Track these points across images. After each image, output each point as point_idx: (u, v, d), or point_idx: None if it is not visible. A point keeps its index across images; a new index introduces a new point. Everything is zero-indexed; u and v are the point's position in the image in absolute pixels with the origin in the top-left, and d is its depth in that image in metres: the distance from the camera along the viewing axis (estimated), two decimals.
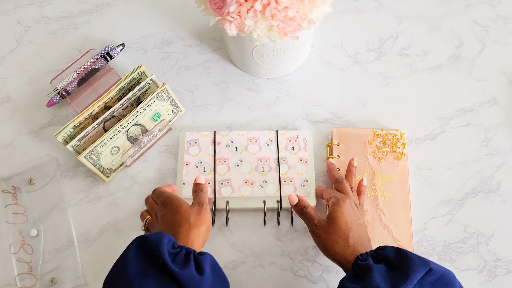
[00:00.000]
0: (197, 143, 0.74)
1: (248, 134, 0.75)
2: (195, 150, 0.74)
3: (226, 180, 0.72)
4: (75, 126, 0.72)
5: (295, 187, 0.71)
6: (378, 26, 0.85)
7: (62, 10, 0.87)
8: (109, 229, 0.72)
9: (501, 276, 0.69)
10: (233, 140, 0.74)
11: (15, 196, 0.73)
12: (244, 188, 0.71)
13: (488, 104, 0.80)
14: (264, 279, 0.69)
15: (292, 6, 0.60)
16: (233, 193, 0.71)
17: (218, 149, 0.74)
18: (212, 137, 0.75)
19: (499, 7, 0.86)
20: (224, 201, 0.71)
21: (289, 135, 0.75)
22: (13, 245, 0.71)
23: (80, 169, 0.76)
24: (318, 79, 0.82)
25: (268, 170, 0.73)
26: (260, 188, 0.71)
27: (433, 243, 0.71)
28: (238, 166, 0.73)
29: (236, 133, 0.75)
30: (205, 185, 0.66)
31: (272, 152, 0.74)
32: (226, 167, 0.73)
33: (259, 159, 0.73)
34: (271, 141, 0.74)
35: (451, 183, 0.75)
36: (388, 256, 0.56)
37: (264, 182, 0.72)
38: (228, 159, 0.73)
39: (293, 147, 0.74)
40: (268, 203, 0.71)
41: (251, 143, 0.74)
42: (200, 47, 0.84)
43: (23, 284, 0.69)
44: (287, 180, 0.72)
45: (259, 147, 0.74)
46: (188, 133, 0.75)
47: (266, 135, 0.75)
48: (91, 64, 0.79)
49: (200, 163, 0.73)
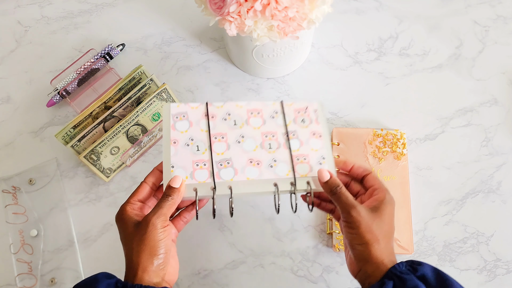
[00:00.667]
0: (185, 117, 0.60)
1: (248, 106, 0.62)
2: (184, 125, 0.60)
3: (226, 160, 0.58)
4: (75, 126, 0.72)
5: (311, 166, 0.59)
6: (378, 26, 0.85)
7: (62, 10, 0.87)
8: (109, 229, 0.72)
9: (501, 276, 0.69)
10: (230, 113, 0.61)
11: (15, 196, 0.73)
12: (250, 169, 0.58)
13: (488, 104, 0.80)
14: (264, 279, 0.69)
15: (292, 6, 0.60)
16: (236, 175, 0.57)
17: (212, 123, 0.61)
18: (203, 109, 0.61)
19: (499, 7, 0.86)
20: (226, 186, 0.57)
21: (296, 106, 0.63)
22: (13, 245, 0.71)
23: (80, 169, 0.76)
24: (318, 79, 0.82)
25: (277, 146, 0.60)
26: (269, 169, 0.58)
27: (433, 243, 0.71)
28: (239, 142, 0.60)
29: (233, 104, 0.62)
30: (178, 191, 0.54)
31: (278, 125, 0.61)
32: (225, 144, 0.60)
33: (264, 134, 0.60)
34: (276, 113, 0.62)
35: (451, 183, 0.75)
36: (426, 276, 0.49)
37: (273, 161, 0.59)
38: (226, 135, 0.60)
39: (303, 119, 0.62)
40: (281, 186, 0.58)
41: (253, 115, 0.61)
42: (200, 47, 0.84)
43: (23, 284, 0.69)
44: (301, 157, 0.59)
45: (263, 120, 0.61)
46: (174, 105, 0.61)
47: (269, 106, 0.62)
48: (91, 64, 0.79)
49: (191, 140, 0.59)
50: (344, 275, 0.70)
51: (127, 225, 0.52)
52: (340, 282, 0.70)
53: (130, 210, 0.54)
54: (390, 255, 0.52)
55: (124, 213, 0.53)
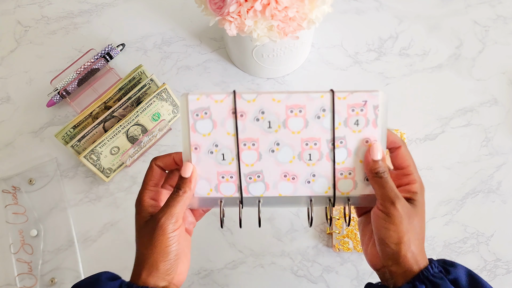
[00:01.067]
0: (208, 114, 0.49)
1: (287, 100, 0.49)
2: (207, 125, 0.49)
3: (257, 173, 0.50)
4: (75, 126, 0.72)
5: (356, 183, 0.50)
6: (378, 26, 0.85)
7: (62, 10, 0.87)
8: (109, 229, 0.72)
9: (501, 276, 0.69)
10: (264, 110, 0.49)
11: (15, 196, 0.73)
12: (283, 184, 0.50)
13: (488, 104, 0.80)
14: (264, 279, 0.69)
15: (292, 6, 0.60)
16: (266, 191, 0.50)
17: (242, 125, 0.49)
18: (230, 103, 0.49)
19: (499, 7, 0.86)
20: (255, 201, 0.51)
21: (352, 100, 0.49)
22: (13, 245, 0.71)
23: (80, 169, 0.76)
24: (318, 79, 0.82)
25: (318, 158, 0.49)
26: (306, 185, 0.50)
27: (433, 243, 0.71)
28: (273, 152, 0.50)
29: (269, 98, 0.49)
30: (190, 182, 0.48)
31: (324, 129, 0.49)
32: (256, 153, 0.50)
33: (304, 140, 0.49)
34: (323, 110, 0.49)
35: (451, 183, 0.75)
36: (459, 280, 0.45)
37: (312, 176, 0.50)
38: (258, 141, 0.50)
39: (357, 120, 0.49)
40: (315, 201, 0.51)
41: (293, 114, 0.49)
42: (200, 47, 0.84)
43: (23, 284, 0.69)
44: (345, 172, 0.50)
45: (305, 122, 0.49)
46: (193, 97, 0.49)
47: (316, 100, 0.49)
48: (91, 64, 0.79)
49: (215, 147, 0.49)
50: (344, 275, 0.70)
51: (141, 216, 0.49)
52: (340, 282, 0.70)
53: (147, 200, 0.49)
54: (423, 257, 0.47)
55: (141, 203, 0.49)
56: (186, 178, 0.48)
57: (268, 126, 0.49)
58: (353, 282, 0.70)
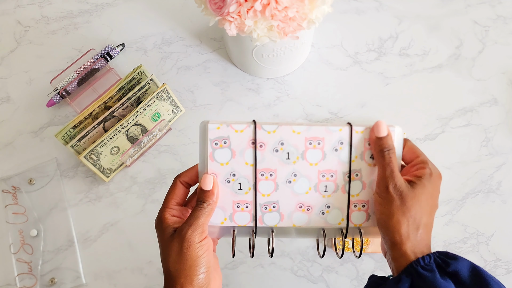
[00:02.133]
0: (227, 144, 0.49)
1: (307, 132, 0.49)
2: (225, 155, 0.49)
3: (272, 204, 0.50)
4: (75, 126, 0.72)
5: (369, 215, 0.51)
6: (378, 26, 0.85)
7: (62, 10, 0.87)
8: (109, 229, 0.72)
9: (501, 276, 0.69)
10: (283, 141, 0.49)
11: (15, 196, 0.73)
12: (298, 215, 0.50)
13: (488, 104, 0.80)
14: (264, 279, 0.69)
15: (292, 6, 0.60)
16: (281, 221, 0.50)
17: (260, 155, 0.49)
18: (250, 133, 0.49)
19: (499, 7, 0.86)
20: (268, 230, 0.51)
21: (368, 134, 0.50)
22: (13, 245, 0.71)
23: (80, 169, 0.76)
24: (318, 79, 0.82)
25: (334, 190, 0.50)
26: (320, 216, 0.51)
27: (433, 243, 0.71)
28: (290, 183, 0.50)
29: (289, 129, 0.49)
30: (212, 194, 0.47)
31: (341, 162, 0.50)
32: (273, 184, 0.50)
33: (321, 172, 0.50)
34: (341, 143, 0.50)
35: (451, 183, 0.75)
36: (460, 273, 0.43)
37: (326, 208, 0.50)
38: (275, 172, 0.50)
39: (372, 154, 0.50)
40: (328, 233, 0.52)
41: (311, 146, 0.50)
42: (200, 47, 0.84)
43: (23, 284, 0.69)
44: (359, 204, 0.51)
45: (323, 154, 0.50)
46: (213, 126, 0.48)
47: (335, 133, 0.50)
48: (91, 64, 0.79)
49: (233, 176, 0.50)
50: (344, 275, 0.70)
51: (165, 234, 0.47)
52: (340, 282, 0.70)
53: (169, 217, 0.48)
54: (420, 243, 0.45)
55: (163, 221, 0.48)
56: (208, 190, 0.47)
57: (286, 157, 0.50)
58: (353, 282, 0.70)
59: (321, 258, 0.52)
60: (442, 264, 0.44)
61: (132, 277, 0.70)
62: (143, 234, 0.72)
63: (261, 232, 0.51)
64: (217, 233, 0.51)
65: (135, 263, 0.71)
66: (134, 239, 0.72)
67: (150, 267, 0.70)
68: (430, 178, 0.46)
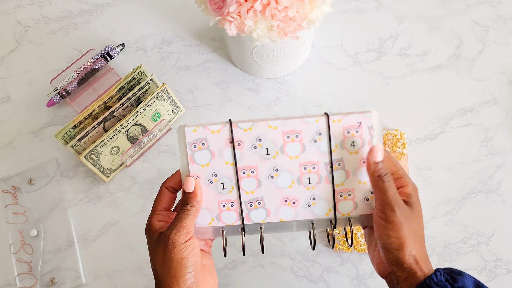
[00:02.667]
0: (205, 145, 0.50)
1: (283, 126, 0.49)
2: (205, 156, 0.50)
3: (257, 200, 0.51)
4: (75, 126, 0.72)
5: (356, 203, 0.51)
6: (378, 26, 0.85)
7: (62, 10, 0.87)
8: (109, 229, 0.72)
9: (501, 276, 0.69)
10: (260, 137, 0.50)
11: (15, 196, 0.73)
12: (284, 209, 0.51)
13: (488, 104, 0.80)
14: (264, 279, 0.69)
15: (292, 6, 0.60)
16: (268, 217, 0.51)
17: (240, 153, 0.50)
18: (227, 133, 0.50)
19: (499, 7, 0.86)
20: (257, 227, 0.52)
21: (346, 122, 0.49)
22: (13, 245, 0.71)
23: (80, 169, 0.76)
24: (318, 79, 0.82)
25: (317, 181, 0.50)
26: (306, 208, 0.51)
27: (433, 243, 0.71)
28: (272, 178, 0.50)
29: (265, 125, 0.49)
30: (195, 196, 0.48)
31: (321, 153, 0.50)
32: (255, 180, 0.51)
33: (302, 165, 0.50)
34: (319, 134, 0.49)
35: (451, 183, 0.75)
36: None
37: (312, 199, 0.51)
38: (256, 169, 0.50)
39: (353, 142, 0.50)
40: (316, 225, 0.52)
41: (289, 140, 0.50)
42: (200, 47, 0.84)
43: (23, 284, 0.69)
44: (345, 193, 0.51)
45: (302, 146, 0.50)
46: (190, 129, 0.50)
47: (311, 125, 0.49)
48: (91, 64, 0.79)
49: (215, 176, 0.50)
50: (344, 275, 0.70)
51: (152, 238, 0.48)
52: (340, 282, 0.70)
53: (156, 223, 0.49)
54: (426, 261, 0.47)
55: (151, 227, 0.48)
56: (191, 192, 0.48)
57: (266, 153, 0.50)
58: (353, 282, 0.70)
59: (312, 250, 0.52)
60: (451, 280, 0.45)
61: (132, 277, 0.70)
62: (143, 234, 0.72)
63: (250, 230, 0.51)
64: (208, 234, 0.52)
65: (135, 263, 0.71)
66: (134, 239, 0.72)
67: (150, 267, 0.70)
68: (416, 193, 0.48)
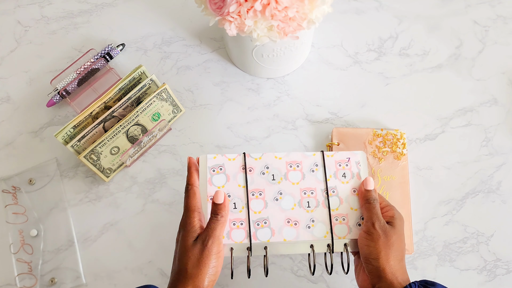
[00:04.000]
0: (222, 170, 0.59)
1: (287, 157, 0.60)
2: (221, 179, 0.59)
3: (264, 220, 0.57)
4: (75, 126, 0.72)
5: (350, 228, 0.57)
6: (378, 26, 0.85)
7: (62, 10, 0.87)
8: (109, 229, 0.72)
9: (501, 276, 0.69)
10: (268, 165, 0.60)
11: (15, 196, 0.73)
12: (287, 229, 0.57)
13: (488, 104, 0.80)
14: (264, 279, 0.69)
15: (292, 6, 0.60)
16: (273, 236, 0.57)
17: (250, 178, 0.59)
18: (241, 161, 0.60)
19: (499, 7, 0.86)
20: (262, 246, 0.57)
21: (338, 157, 0.61)
22: (13, 245, 0.71)
23: (80, 169, 0.76)
24: (318, 79, 0.82)
25: (315, 205, 0.58)
26: (307, 229, 0.57)
27: (433, 243, 0.71)
28: (277, 200, 0.58)
29: (272, 156, 0.60)
30: (224, 207, 0.54)
31: (318, 180, 0.59)
32: (262, 202, 0.58)
33: (302, 190, 0.59)
34: (316, 165, 0.60)
35: (451, 183, 0.75)
36: None
37: (311, 221, 0.57)
38: (264, 191, 0.59)
39: (344, 173, 0.60)
40: (317, 248, 0.57)
41: (292, 168, 0.60)
42: (200, 47, 0.84)
43: (23, 284, 0.69)
44: (339, 218, 0.58)
45: (302, 174, 0.60)
46: (210, 156, 0.60)
47: (309, 157, 0.61)
48: (91, 64, 0.79)
49: (228, 196, 0.58)
50: (344, 275, 0.70)
51: (189, 237, 0.53)
52: (340, 282, 0.70)
53: (197, 221, 0.54)
54: (403, 274, 0.52)
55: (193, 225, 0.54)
56: (220, 203, 0.54)
57: (272, 179, 0.59)
58: (353, 282, 0.70)
59: (312, 275, 0.57)
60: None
61: (132, 277, 0.70)
62: (143, 234, 0.72)
63: (255, 249, 0.57)
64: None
65: (135, 263, 0.71)
66: (134, 239, 0.72)
67: (150, 267, 0.70)
68: (400, 220, 0.56)
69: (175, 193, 0.74)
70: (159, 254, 0.71)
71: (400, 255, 0.53)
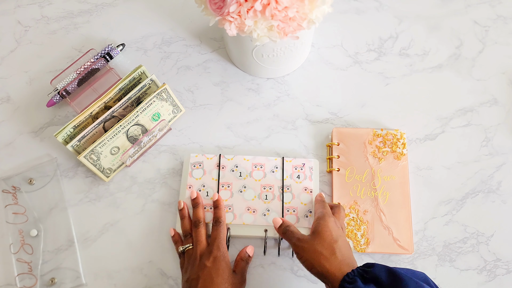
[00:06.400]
0: (201, 166, 0.73)
1: (253, 160, 0.73)
2: (199, 173, 0.72)
3: (228, 206, 0.70)
4: (75, 126, 0.72)
5: (298, 218, 0.70)
6: (378, 26, 0.85)
7: (62, 10, 0.87)
8: (109, 229, 0.72)
9: (501, 276, 0.69)
10: (238, 165, 0.73)
11: (15, 196, 0.73)
12: (246, 215, 0.70)
13: (488, 104, 0.80)
14: (264, 279, 0.69)
15: (292, 6, 0.60)
16: (234, 219, 0.69)
17: (222, 173, 0.72)
18: (217, 160, 0.73)
19: (499, 7, 0.86)
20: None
21: (295, 162, 0.73)
22: (13, 245, 0.71)
23: (80, 169, 0.76)
24: (318, 79, 0.82)
25: (272, 198, 0.71)
26: (262, 217, 0.70)
27: (433, 243, 0.71)
28: (241, 192, 0.71)
29: (242, 158, 0.73)
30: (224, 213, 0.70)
31: (277, 179, 0.72)
32: (229, 192, 0.71)
33: (263, 186, 0.71)
34: (276, 168, 0.72)
35: (451, 183, 0.75)
36: (378, 277, 0.52)
37: (267, 211, 0.70)
38: (231, 184, 0.72)
39: (298, 175, 0.72)
40: (269, 233, 0.69)
41: (256, 168, 0.72)
42: (200, 47, 0.84)
43: (23, 284, 0.69)
44: (290, 209, 0.70)
45: (264, 174, 0.72)
46: (193, 155, 0.74)
47: (271, 161, 0.73)
48: (91, 64, 0.79)
49: (203, 186, 0.72)
50: None
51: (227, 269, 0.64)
52: None
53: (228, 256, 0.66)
54: (340, 268, 0.55)
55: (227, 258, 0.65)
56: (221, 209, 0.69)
57: (239, 175, 0.72)
58: None
59: (264, 255, 0.69)
60: (364, 274, 0.53)
61: (132, 277, 0.70)
62: (143, 234, 0.72)
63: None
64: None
65: (135, 263, 0.71)
66: (134, 239, 0.72)
67: (150, 267, 0.70)
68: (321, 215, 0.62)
69: (175, 193, 0.74)
70: (159, 254, 0.71)
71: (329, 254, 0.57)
